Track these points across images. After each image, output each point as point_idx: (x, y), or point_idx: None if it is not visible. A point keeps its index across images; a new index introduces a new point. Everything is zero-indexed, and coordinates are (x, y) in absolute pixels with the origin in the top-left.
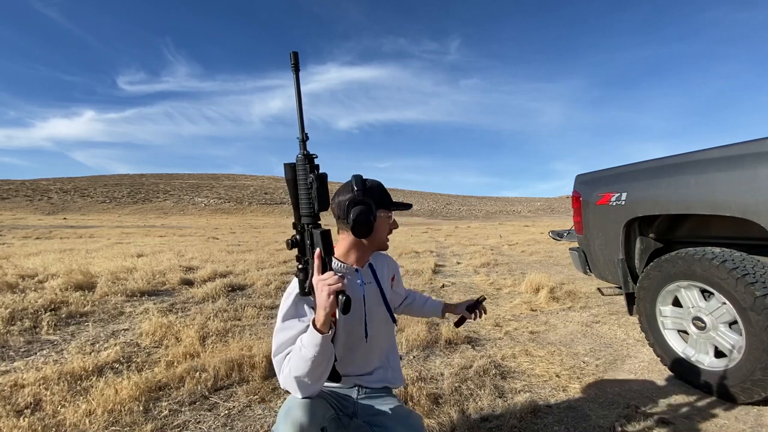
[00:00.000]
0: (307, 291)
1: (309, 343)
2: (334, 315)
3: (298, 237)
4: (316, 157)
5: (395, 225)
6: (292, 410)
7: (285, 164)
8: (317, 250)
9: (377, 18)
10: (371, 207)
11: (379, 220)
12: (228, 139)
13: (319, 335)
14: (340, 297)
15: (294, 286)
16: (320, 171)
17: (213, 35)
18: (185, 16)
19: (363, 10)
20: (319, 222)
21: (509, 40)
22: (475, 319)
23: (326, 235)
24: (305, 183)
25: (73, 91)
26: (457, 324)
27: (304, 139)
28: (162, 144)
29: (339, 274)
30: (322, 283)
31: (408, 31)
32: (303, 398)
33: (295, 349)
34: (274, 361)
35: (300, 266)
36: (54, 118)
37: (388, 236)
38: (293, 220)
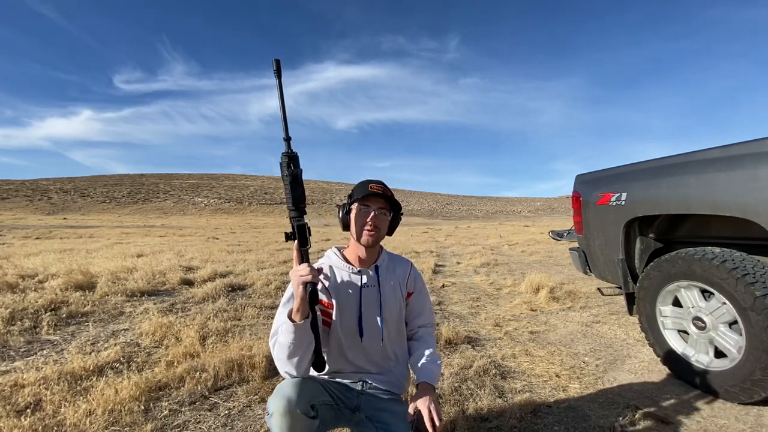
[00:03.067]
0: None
1: (285, 330)
2: (331, 307)
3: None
4: (295, 155)
5: (374, 218)
6: (283, 386)
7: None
8: (294, 243)
9: (375, 16)
10: (348, 203)
11: (353, 213)
12: (226, 138)
13: (291, 323)
14: (308, 287)
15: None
16: (297, 168)
17: (209, 33)
18: (181, 13)
19: (360, 8)
20: (301, 216)
21: (509, 38)
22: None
23: (302, 229)
24: (287, 179)
25: (69, 90)
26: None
27: (287, 138)
28: (160, 144)
29: (314, 267)
30: (294, 274)
31: (406, 30)
32: (294, 378)
33: (278, 334)
34: (269, 343)
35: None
36: (51, 118)
37: (366, 229)
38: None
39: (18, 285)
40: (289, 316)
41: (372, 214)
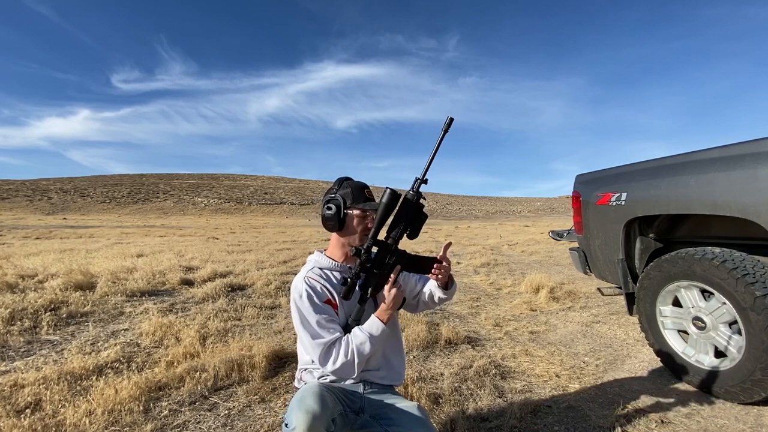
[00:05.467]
0: (367, 293)
1: (378, 331)
2: (336, 307)
3: (374, 250)
4: (425, 199)
5: (371, 223)
6: (305, 399)
7: (391, 191)
8: (398, 267)
9: (373, 15)
10: (341, 203)
11: (349, 217)
12: (225, 138)
13: (384, 325)
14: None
15: (301, 288)
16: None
17: (207, 32)
18: (178, 12)
19: (358, 7)
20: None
21: (508, 37)
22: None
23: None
24: (410, 215)
25: (67, 90)
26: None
27: (423, 181)
28: (159, 143)
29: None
30: (399, 292)
31: (405, 28)
32: (316, 389)
33: (359, 338)
34: (316, 343)
35: (369, 271)
36: (49, 117)
37: (366, 233)
38: (376, 233)
39: (18, 285)
40: (382, 321)
41: (371, 218)
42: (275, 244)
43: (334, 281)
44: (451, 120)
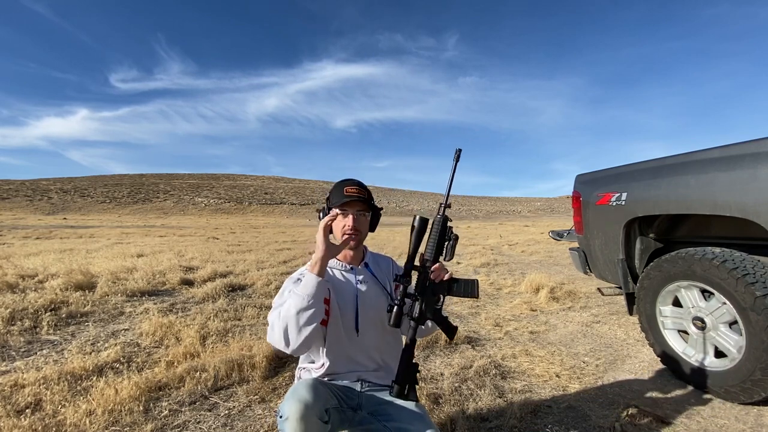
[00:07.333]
0: (417, 317)
1: (305, 283)
2: (327, 302)
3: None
4: (451, 221)
5: (353, 221)
6: (298, 389)
7: (420, 217)
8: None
9: (372, 14)
10: (325, 209)
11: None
12: (224, 138)
13: (313, 276)
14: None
15: (296, 271)
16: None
17: (206, 32)
18: (177, 12)
19: (358, 6)
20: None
21: (508, 37)
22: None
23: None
24: (439, 236)
25: (65, 89)
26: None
27: (447, 206)
28: (158, 143)
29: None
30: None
31: (404, 28)
32: (310, 381)
33: (289, 297)
34: (270, 317)
35: (413, 297)
36: (48, 117)
37: (347, 233)
38: (412, 258)
39: (18, 285)
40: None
41: (351, 218)
42: (275, 244)
43: (334, 279)
44: (459, 151)
